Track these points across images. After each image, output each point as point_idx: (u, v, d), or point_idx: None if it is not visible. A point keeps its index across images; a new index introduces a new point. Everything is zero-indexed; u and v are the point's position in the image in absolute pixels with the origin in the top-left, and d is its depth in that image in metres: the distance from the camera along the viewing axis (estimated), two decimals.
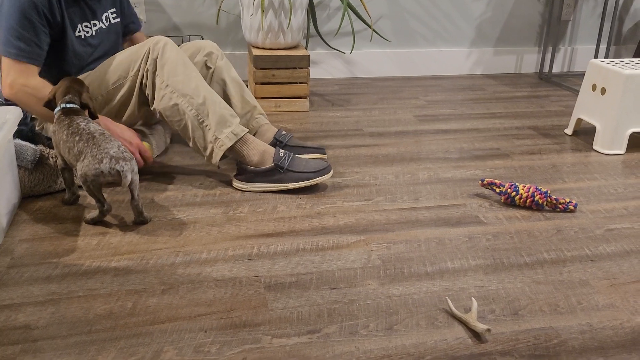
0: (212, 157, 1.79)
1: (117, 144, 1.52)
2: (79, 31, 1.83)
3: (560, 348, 1.15)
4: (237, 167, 1.84)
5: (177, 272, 1.37)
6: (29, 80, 1.73)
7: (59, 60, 1.82)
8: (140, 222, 1.59)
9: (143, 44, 1.83)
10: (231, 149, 1.78)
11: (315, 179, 1.79)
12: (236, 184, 1.82)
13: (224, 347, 1.13)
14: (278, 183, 1.79)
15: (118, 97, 1.85)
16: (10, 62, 1.72)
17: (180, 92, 1.75)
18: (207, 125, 1.76)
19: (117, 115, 1.88)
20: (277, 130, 1.99)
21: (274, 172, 1.78)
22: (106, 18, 1.92)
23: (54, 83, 1.77)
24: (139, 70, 1.80)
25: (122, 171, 1.48)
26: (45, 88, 1.73)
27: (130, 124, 1.92)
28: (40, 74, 1.77)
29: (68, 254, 1.42)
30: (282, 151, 1.80)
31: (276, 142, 1.96)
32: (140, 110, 1.88)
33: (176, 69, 1.77)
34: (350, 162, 2.06)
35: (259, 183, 1.80)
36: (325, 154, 1.98)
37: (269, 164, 1.78)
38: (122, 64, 1.83)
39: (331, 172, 1.83)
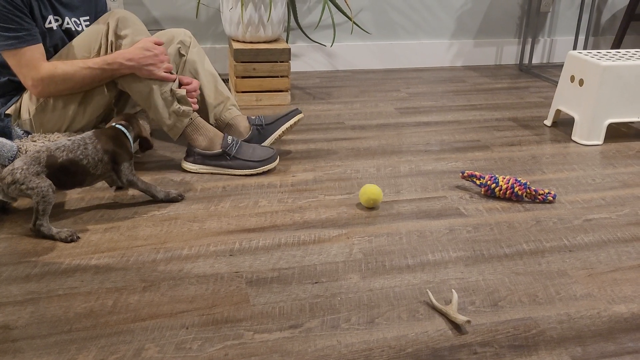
0: (173, 131, 1.84)
1: (10, 168, 1.45)
2: (49, 22, 1.81)
3: (539, 338, 1.17)
4: (187, 149, 1.90)
5: (158, 269, 1.36)
6: (43, 67, 1.73)
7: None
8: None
9: (99, 21, 1.82)
10: (184, 131, 1.83)
11: (260, 168, 1.85)
12: (185, 165, 1.88)
13: (205, 343, 1.13)
14: (226, 169, 1.86)
15: None
16: (14, 54, 1.71)
17: None
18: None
19: (86, 101, 1.85)
20: (247, 118, 2.02)
21: (222, 158, 1.84)
22: (77, 24, 1.90)
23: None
24: (100, 47, 1.80)
25: None
26: (62, 64, 1.74)
27: (102, 109, 1.89)
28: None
29: (47, 253, 1.41)
30: (230, 137, 1.86)
31: (256, 127, 1.99)
32: (110, 90, 1.86)
33: (140, 37, 1.79)
34: (331, 156, 2.06)
35: (207, 165, 1.86)
36: (300, 112, 2.03)
37: (218, 149, 1.84)
38: (81, 46, 1.80)
39: (277, 160, 1.89)
